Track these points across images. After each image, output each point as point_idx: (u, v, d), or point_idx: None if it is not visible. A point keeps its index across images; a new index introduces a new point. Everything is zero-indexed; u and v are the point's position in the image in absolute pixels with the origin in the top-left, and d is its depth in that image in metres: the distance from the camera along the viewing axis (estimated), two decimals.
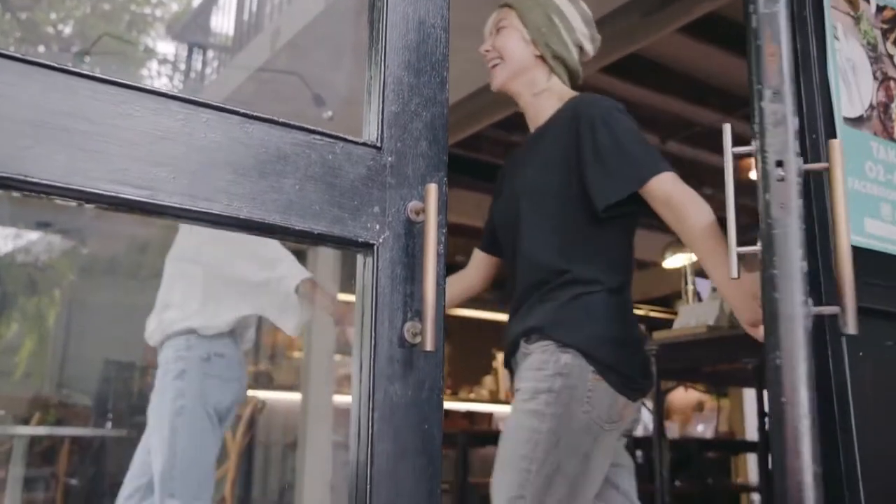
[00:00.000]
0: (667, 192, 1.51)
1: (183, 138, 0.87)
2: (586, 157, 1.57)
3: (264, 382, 5.33)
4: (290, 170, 0.93)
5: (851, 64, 1.64)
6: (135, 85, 0.85)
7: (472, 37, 1.78)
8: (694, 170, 5.14)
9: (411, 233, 0.99)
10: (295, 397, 4.91)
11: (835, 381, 1.35)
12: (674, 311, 3.15)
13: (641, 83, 4.43)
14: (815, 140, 1.52)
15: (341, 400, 4.85)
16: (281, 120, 0.93)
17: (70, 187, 0.80)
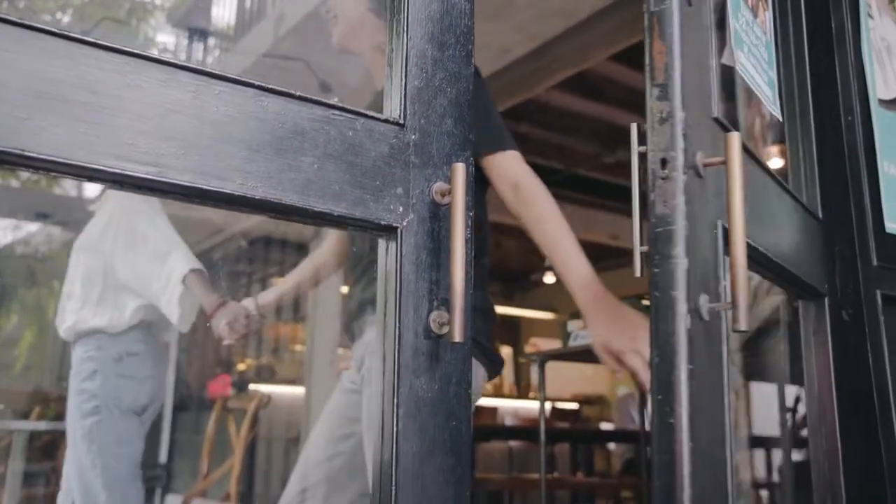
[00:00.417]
0: (517, 172, 1.46)
1: (194, 112, 0.80)
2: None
3: (267, 376, 5.27)
4: (309, 147, 0.86)
5: (886, 44, 1.57)
6: (141, 54, 0.78)
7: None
8: None
9: (437, 216, 0.93)
10: (298, 391, 4.85)
11: (875, 378, 1.29)
12: None
13: None
14: (850, 122, 1.45)
15: None
16: (298, 94, 0.86)
17: (71, 163, 0.73)
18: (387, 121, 0.92)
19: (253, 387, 4.82)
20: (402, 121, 0.92)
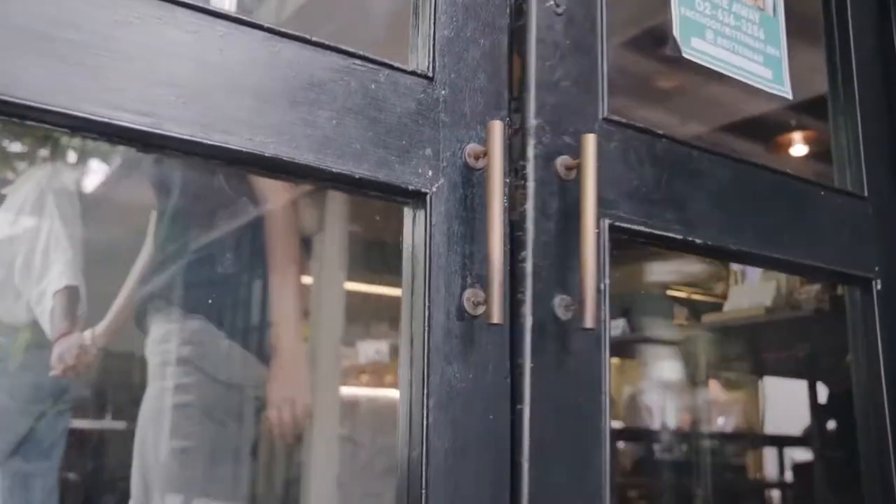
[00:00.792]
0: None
1: (194, 55, 0.69)
2: None
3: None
4: (326, 100, 0.75)
5: None
6: None
7: None
8: None
9: (470, 181, 0.82)
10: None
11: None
12: (714, 294, 2.97)
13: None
14: None
15: (348, 392, 4.69)
16: (314, 38, 0.75)
17: (50, 109, 0.62)
18: (414, 73, 0.81)
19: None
20: (430, 73, 0.82)
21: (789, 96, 1.29)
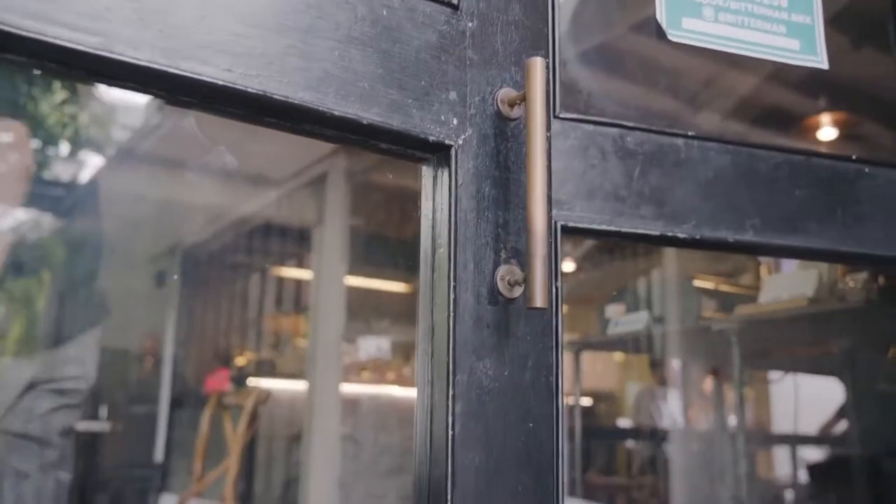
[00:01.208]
0: None
1: None
2: None
3: (267, 371, 5.02)
4: (326, 26, 0.59)
5: None
6: None
7: None
8: None
9: (503, 133, 0.66)
10: (300, 387, 4.59)
11: None
12: (742, 285, 2.80)
13: None
14: None
15: (350, 389, 4.53)
16: None
17: None
18: None
19: (253, 381, 4.56)
20: (455, 0, 0.66)
21: (824, 66, 1.14)
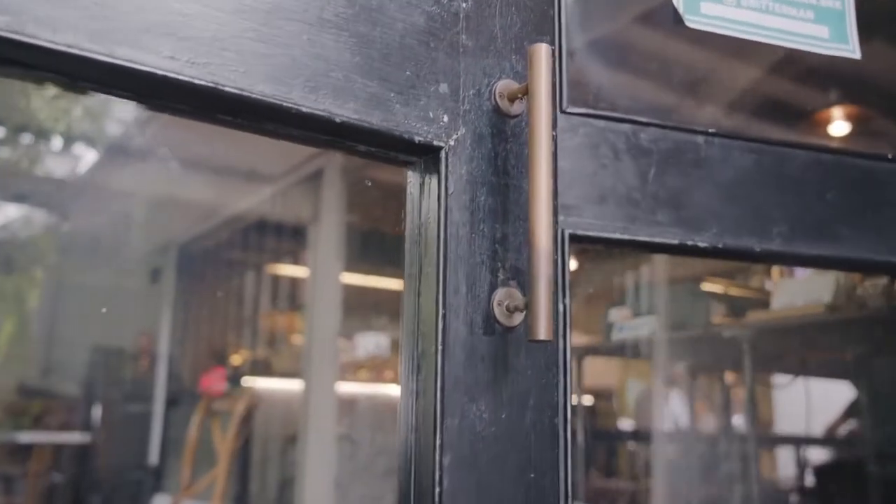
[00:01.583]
0: None
1: None
2: None
3: (262, 370, 4.94)
4: (293, 5, 0.50)
5: None
6: None
7: None
8: None
9: (502, 132, 0.57)
10: (295, 386, 4.50)
11: None
12: (751, 288, 2.70)
13: None
14: None
15: (346, 388, 4.45)
16: None
17: None
18: None
19: (248, 379, 4.48)
20: None
21: (856, 55, 1.04)
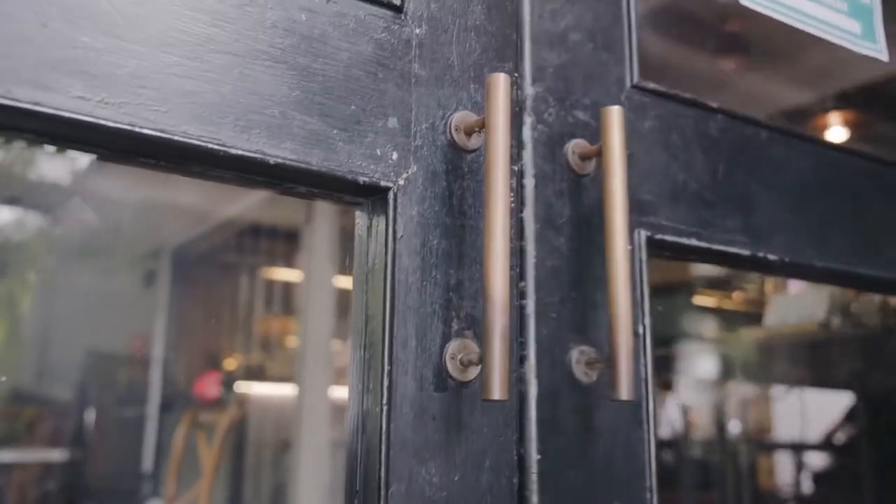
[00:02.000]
0: None
1: None
2: None
3: (255, 374, 4.91)
4: (224, 36, 0.46)
5: None
6: None
7: None
8: None
9: (458, 168, 0.53)
10: (289, 390, 4.46)
11: None
12: (739, 301, 2.62)
13: None
14: None
15: (341, 393, 4.41)
16: None
17: None
18: None
19: (242, 384, 4.45)
20: (397, 1, 0.52)
21: (883, 57, 0.99)
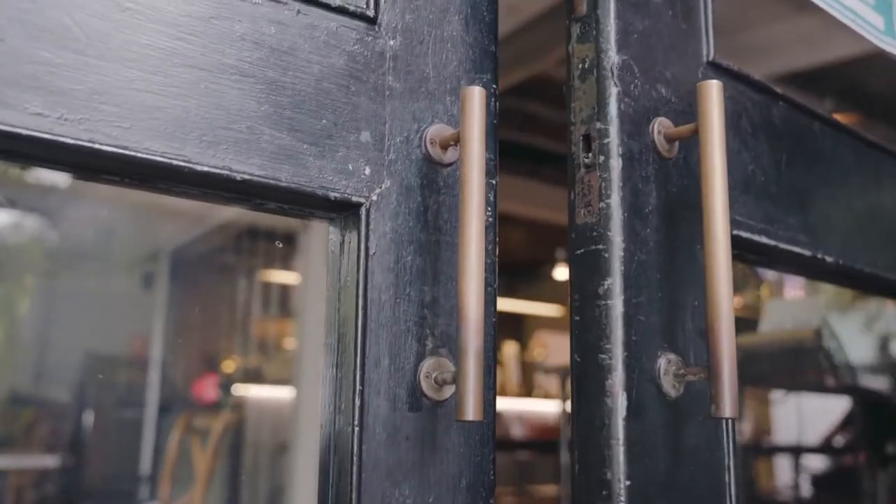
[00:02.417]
0: None
1: None
2: None
3: (253, 377, 4.90)
4: (189, 50, 0.45)
5: None
6: None
7: None
8: None
9: (433, 183, 0.52)
10: (287, 393, 4.45)
11: None
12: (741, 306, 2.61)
13: None
14: None
15: None
16: None
17: None
18: (343, 9, 0.50)
19: (240, 387, 4.44)
20: (370, 12, 0.51)
21: None
